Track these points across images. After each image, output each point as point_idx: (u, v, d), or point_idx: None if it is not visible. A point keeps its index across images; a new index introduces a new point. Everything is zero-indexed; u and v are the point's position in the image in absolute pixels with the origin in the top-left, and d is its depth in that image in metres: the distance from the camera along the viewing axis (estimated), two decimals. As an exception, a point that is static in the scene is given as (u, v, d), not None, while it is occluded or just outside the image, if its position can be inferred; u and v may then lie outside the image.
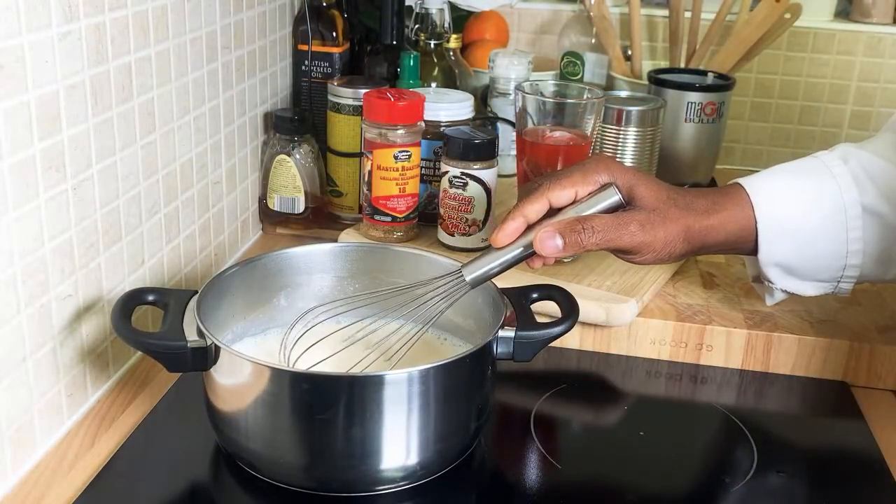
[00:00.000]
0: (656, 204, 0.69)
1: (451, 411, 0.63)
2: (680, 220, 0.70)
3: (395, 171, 0.89)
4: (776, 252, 0.72)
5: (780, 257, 0.73)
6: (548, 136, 0.87)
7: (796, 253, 0.73)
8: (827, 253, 0.72)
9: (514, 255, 0.67)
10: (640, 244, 0.68)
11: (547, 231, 0.67)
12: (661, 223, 0.69)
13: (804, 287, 0.75)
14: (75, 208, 0.66)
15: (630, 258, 0.71)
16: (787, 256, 0.73)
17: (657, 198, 0.69)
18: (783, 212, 0.71)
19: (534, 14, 1.45)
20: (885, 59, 1.38)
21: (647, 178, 0.71)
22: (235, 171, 0.96)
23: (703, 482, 0.67)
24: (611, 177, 0.69)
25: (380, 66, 1.09)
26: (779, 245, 0.72)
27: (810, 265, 0.73)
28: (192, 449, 0.67)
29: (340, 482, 0.62)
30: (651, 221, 0.68)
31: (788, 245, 0.72)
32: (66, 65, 0.63)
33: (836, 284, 0.74)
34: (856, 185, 0.71)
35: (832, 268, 0.73)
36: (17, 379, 0.62)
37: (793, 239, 0.72)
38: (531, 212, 0.68)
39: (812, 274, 0.74)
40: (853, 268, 0.72)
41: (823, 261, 0.73)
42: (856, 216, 0.71)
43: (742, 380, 0.80)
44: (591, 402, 0.78)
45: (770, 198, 0.72)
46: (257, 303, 0.73)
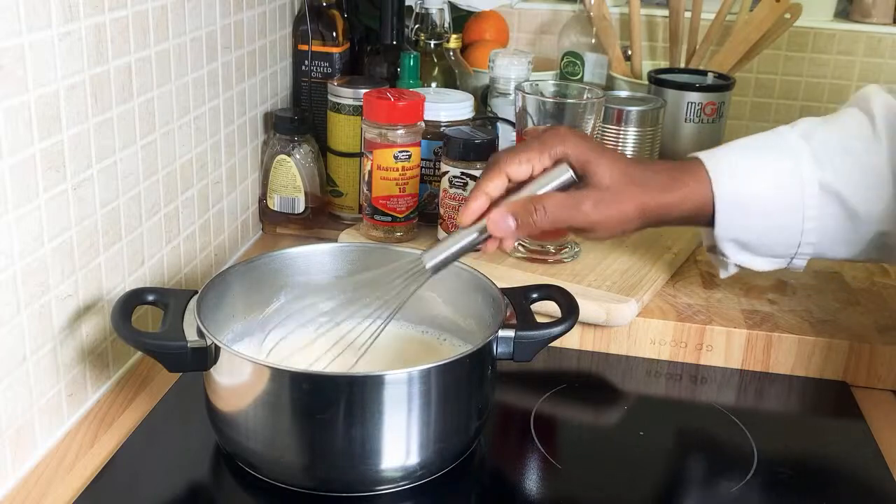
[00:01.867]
0: (611, 182, 0.68)
1: (451, 411, 0.63)
2: (636, 198, 0.69)
3: (395, 171, 0.89)
4: (732, 228, 0.72)
5: (736, 233, 0.72)
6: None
7: (752, 229, 0.72)
8: (783, 229, 0.72)
9: (472, 238, 0.67)
10: (594, 223, 0.68)
11: (499, 212, 0.66)
12: (616, 202, 0.68)
13: (758, 262, 0.75)
14: (75, 208, 0.66)
15: (584, 235, 0.71)
16: (743, 232, 0.72)
17: (612, 175, 0.68)
18: (741, 188, 0.71)
19: (534, 14, 1.45)
20: (885, 59, 1.38)
21: (603, 152, 0.70)
22: (235, 171, 0.96)
23: (703, 482, 0.67)
24: (566, 150, 0.68)
25: (380, 66, 1.09)
26: (735, 221, 0.72)
27: (766, 241, 0.73)
28: (192, 449, 0.67)
29: (340, 482, 0.62)
30: (605, 200, 0.68)
31: (745, 221, 0.72)
32: (66, 65, 0.63)
33: (790, 260, 0.74)
34: (815, 162, 0.71)
35: (787, 244, 0.73)
36: (17, 379, 0.62)
37: (749, 215, 0.71)
38: (491, 188, 0.68)
39: (767, 250, 0.74)
40: (808, 245, 0.72)
41: (779, 237, 0.72)
42: (812, 195, 0.70)
43: (742, 380, 0.80)
44: (591, 402, 0.78)
45: (729, 174, 0.71)
46: (257, 303, 0.73)
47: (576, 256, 0.89)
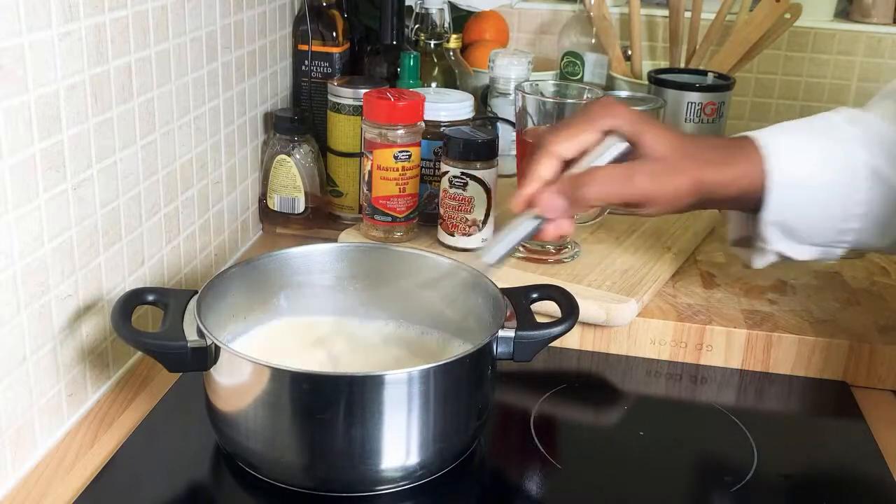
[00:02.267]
0: (666, 152, 0.66)
1: (451, 411, 0.63)
2: (691, 173, 0.66)
3: (395, 171, 0.89)
4: (781, 210, 0.69)
5: (783, 215, 0.70)
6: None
7: (801, 212, 0.70)
8: (830, 215, 0.70)
9: (527, 226, 0.66)
10: (649, 197, 0.65)
11: (549, 193, 0.64)
12: (672, 174, 0.66)
13: (799, 250, 0.72)
14: (75, 208, 0.66)
15: (637, 211, 0.68)
16: (791, 215, 0.70)
17: (667, 146, 0.66)
18: (793, 170, 0.68)
19: (534, 14, 1.45)
20: (885, 59, 1.38)
21: (655, 123, 0.68)
22: (235, 171, 0.96)
23: (703, 482, 0.67)
24: (615, 122, 0.66)
25: (380, 66, 1.09)
26: (785, 203, 0.69)
27: (810, 225, 0.71)
28: (192, 449, 0.67)
29: (340, 482, 0.62)
30: (661, 172, 0.65)
31: (794, 203, 0.69)
32: (66, 65, 0.63)
33: (829, 249, 0.72)
34: (864, 146, 0.69)
35: (832, 230, 0.71)
36: (17, 379, 0.62)
37: (799, 197, 0.69)
38: (543, 171, 0.66)
39: (810, 236, 0.71)
40: (852, 232, 0.70)
41: (826, 222, 0.70)
42: (865, 177, 0.68)
43: (742, 380, 0.80)
44: (591, 402, 0.78)
45: (781, 154, 0.68)
46: (257, 303, 0.73)
47: (575, 256, 0.89)
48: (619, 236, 0.97)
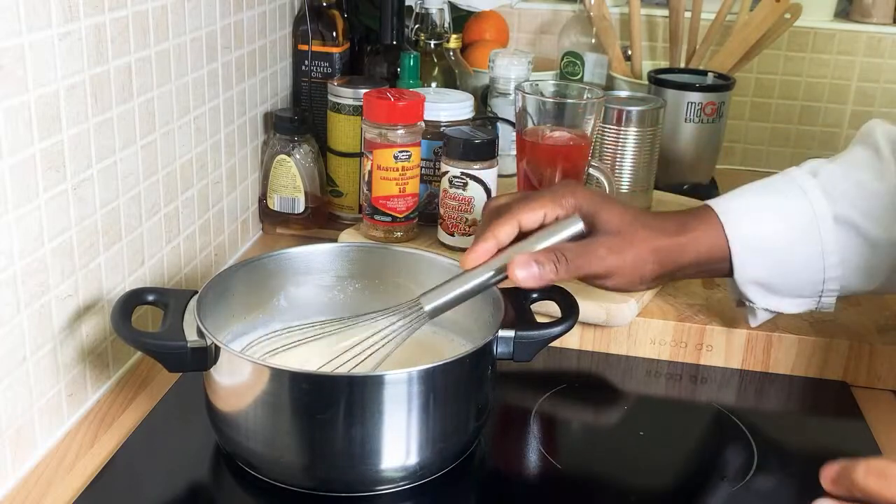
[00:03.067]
0: (621, 227, 0.69)
1: (451, 411, 0.63)
2: (648, 241, 0.70)
3: (395, 171, 0.89)
4: (751, 271, 0.72)
5: (755, 275, 0.72)
6: (548, 136, 0.87)
7: (772, 269, 0.72)
8: (804, 268, 0.71)
9: (477, 282, 0.66)
10: (610, 268, 0.68)
11: (523, 258, 0.65)
12: (629, 245, 0.69)
13: (785, 304, 0.74)
14: (75, 208, 0.66)
15: (602, 283, 0.70)
16: (763, 273, 0.72)
17: (622, 221, 0.69)
18: (753, 229, 0.71)
19: (534, 14, 1.45)
20: (885, 59, 1.38)
21: (612, 201, 0.71)
22: (235, 171, 0.96)
23: (703, 482, 0.67)
24: (577, 201, 0.69)
25: (380, 66, 1.09)
26: (753, 263, 0.71)
27: (789, 281, 0.73)
28: (192, 449, 0.67)
29: (340, 482, 0.62)
30: (618, 245, 0.69)
31: (763, 262, 0.71)
32: (66, 65, 0.63)
33: (819, 300, 0.73)
34: (825, 197, 0.71)
35: (812, 282, 0.72)
36: (17, 379, 0.62)
37: (766, 256, 0.71)
38: (502, 234, 0.68)
39: (792, 290, 0.73)
40: (833, 280, 0.72)
41: (802, 275, 0.72)
42: (828, 229, 0.70)
43: (742, 380, 0.80)
44: (591, 402, 0.78)
45: (739, 216, 0.71)
46: (257, 303, 0.73)
47: None
48: (619, 236, 0.97)
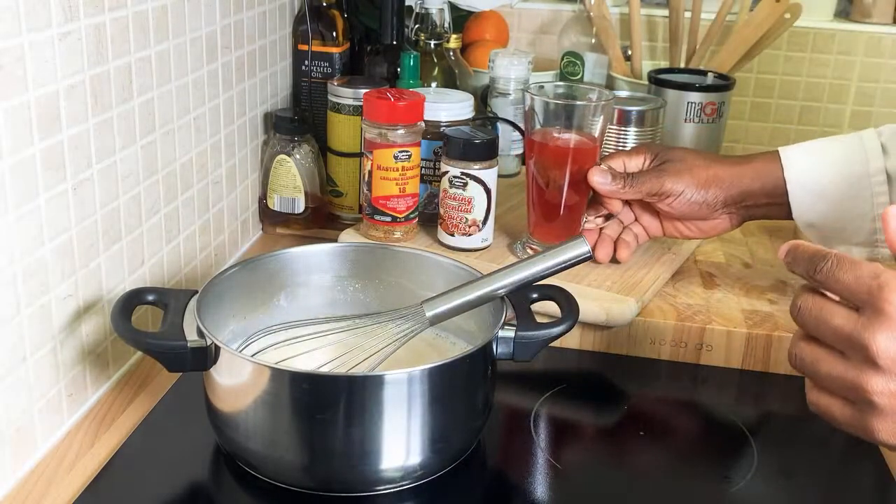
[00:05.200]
0: (685, 156, 0.82)
1: (451, 411, 0.63)
2: (707, 168, 0.81)
3: (395, 171, 0.89)
4: (806, 213, 0.78)
5: (810, 218, 0.78)
6: (556, 137, 0.86)
7: (825, 214, 0.77)
8: (854, 216, 0.77)
9: (480, 293, 0.66)
10: (671, 189, 0.81)
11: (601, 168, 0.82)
12: (688, 171, 0.81)
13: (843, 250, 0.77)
14: (75, 208, 0.66)
15: (668, 204, 0.82)
16: (817, 217, 0.78)
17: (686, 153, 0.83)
18: (810, 173, 0.78)
19: (534, 14, 1.45)
20: (885, 59, 1.38)
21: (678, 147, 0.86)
22: (235, 171, 0.96)
23: (703, 482, 0.67)
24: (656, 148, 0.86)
25: (380, 66, 1.09)
26: (808, 205, 0.78)
27: (843, 227, 0.78)
28: (192, 449, 0.67)
29: (340, 482, 0.62)
30: (679, 169, 0.81)
31: (816, 205, 0.78)
32: (66, 65, 0.63)
33: (874, 249, 0.78)
34: (882, 152, 0.76)
35: (863, 230, 0.77)
36: (18, 379, 0.62)
37: (820, 200, 0.77)
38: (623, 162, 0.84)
39: (847, 236, 0.78)
40: None
41: (852, 224, 0.77)
42: (880, 182, 0.75)
43: (742, 380, 0.80)
44: (591, 402, 0.78)
45: (798, 158, 0.78)
46: (257, 303, 0.73)
47: None
48: (619, 236, 0.97)
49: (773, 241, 1.02)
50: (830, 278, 0.51)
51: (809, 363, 0.54)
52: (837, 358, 0.52)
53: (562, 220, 0.88)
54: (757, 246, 1.01)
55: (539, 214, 0.89)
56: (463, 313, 0.67)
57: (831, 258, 0.51)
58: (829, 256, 0.52)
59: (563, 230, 0.87)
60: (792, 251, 0.55)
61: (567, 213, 0.87)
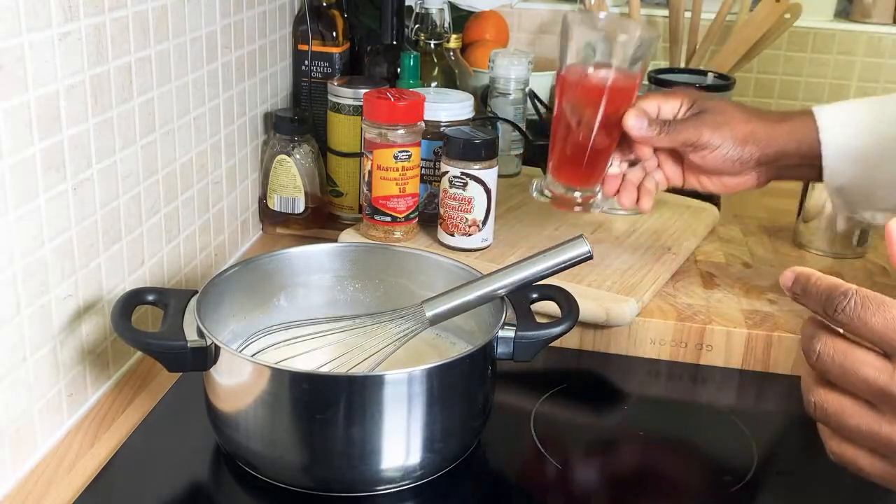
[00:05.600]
0: (725, 108, 0.78)
1: (451, 411, 0.63)
2: (746, 123, 0.78)
3: (395, 171, 0.89)
4: (838, 175, 0.77)
5: (840, 181, 0.77)
6: (592, 74, 0.79)
7: (856, 178, 0.76)
8: (886, 181, 0.75)
9: (481, 293, 0.66)
10: (708, 141, 0.77)
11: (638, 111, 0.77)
12: (727, 124, 0.77)
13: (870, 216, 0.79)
14: (75, 208, 0.66)
15: (703, 156, 0.78)
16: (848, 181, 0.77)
17: (726, 105, 0.79)
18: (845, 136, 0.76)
19: (534, 14, 1.45)
20: (885, 59, 1.38)
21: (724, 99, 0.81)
22: (235, 171, 0.96)
23: (703, 482, 0.67)
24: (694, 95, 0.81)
25: (380, 66, 1.09)
26: (840, 168, 0.76)
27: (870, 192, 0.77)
28: (192, 449, 0.67)
29: (340, 482, 0.62)
30: (718, 122, 0.77)
31: (848, 169, 0.76)
32: (66, 65, 0.63)
33: None
34: None
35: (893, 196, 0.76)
36: (18, 379, 0.62)
37: (853, 163, 0.76)
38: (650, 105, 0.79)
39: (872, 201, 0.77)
40: None
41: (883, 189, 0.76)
42: None
43: (742, 380, 0.80)
44: (591, 402, 0.78)
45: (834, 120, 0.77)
46: (257, 303, 0.73)
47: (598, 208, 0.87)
48: (619, 236, 0.97)
49: (773, 241, 1.02)
50: (856, 321, 0.46)
51: (834, 414, 0.47)
52: (867, 410, 0.46)
53: (588, 163, 0.82)
54: (757, 246, 1.01)
55: (563, 156, 0.83)
56: (463, 313, 0.67)
57: (853, 296, 0.46)
58: (850, 294, 0.46)
59: (589, 174, 0.83)
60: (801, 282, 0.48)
61: (594, 156, 0.82)
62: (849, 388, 0.46)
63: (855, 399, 0.46)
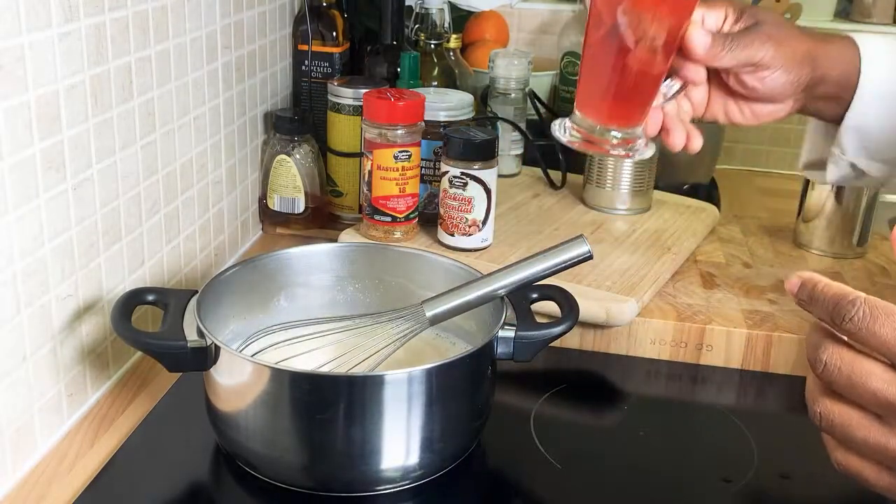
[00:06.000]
0: (782, 22, 0.70)
1: (451, 411, 0.63)
2: (804, 40, 0.70)
3: (395, 171, 0.89)
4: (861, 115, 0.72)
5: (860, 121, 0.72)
6: None
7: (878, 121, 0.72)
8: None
9: (481, 293, 0.66)
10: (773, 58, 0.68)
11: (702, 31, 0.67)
12: (788, 39, 0.69)
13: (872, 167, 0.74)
14: (75, 208, 0.66)
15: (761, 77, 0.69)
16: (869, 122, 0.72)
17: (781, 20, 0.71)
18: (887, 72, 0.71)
19: (534, 14, 1.45)
20: (885, 59, 1.38)
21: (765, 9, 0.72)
22: (235, 171, 0.96)
23: (704, 482, 0.67)
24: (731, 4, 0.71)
25: (380, 66, 1.09)
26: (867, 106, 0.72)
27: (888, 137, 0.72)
28: (192, 449, 0.67)
29: (340, 482, 0.62)
30: (780, 36, 0.69)
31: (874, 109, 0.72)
32: (66, 65, 0.63)
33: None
34: None
35: None
36: (18, 379, 0.62)
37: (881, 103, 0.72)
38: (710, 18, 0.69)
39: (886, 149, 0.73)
40: None
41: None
42: None
43: (742, 380, 0.80)
44: (591, 402, 0.78)
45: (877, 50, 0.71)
46: (257, 303, 0.73)
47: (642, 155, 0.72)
48: (619, 236, 0.97)
49: (773, 241, 1.02)
50: (864, 331, 0.44)
51: (840, 426, 0.46)
52: (874, 422, 0.45)
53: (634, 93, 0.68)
54: (757, 246, 1.01)
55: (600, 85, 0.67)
56: (463, 313, 0.67)
57: (861, 305, 0.44)
58: (859, 303, 0.44)
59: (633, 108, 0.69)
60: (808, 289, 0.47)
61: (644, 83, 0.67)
62: (856, 399, 0.45)
63: (862, 411, 0.45)
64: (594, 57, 0.67)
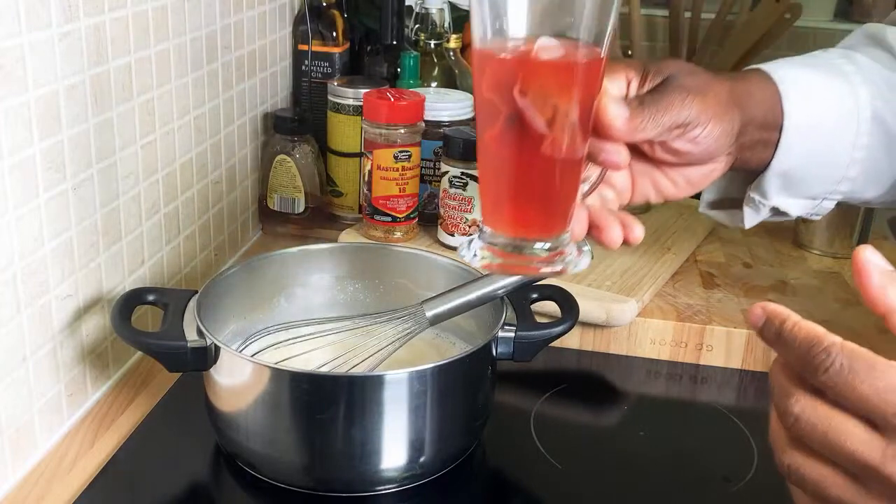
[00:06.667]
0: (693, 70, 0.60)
1: (451, 411, 0.63)
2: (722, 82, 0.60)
3: (395, 171, 0.89)
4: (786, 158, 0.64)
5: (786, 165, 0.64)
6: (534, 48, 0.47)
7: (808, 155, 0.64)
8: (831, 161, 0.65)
9: (480, 293, 0.66)
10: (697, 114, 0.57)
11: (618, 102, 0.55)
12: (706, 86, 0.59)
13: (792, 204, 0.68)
14: (75, 208, 0.66)
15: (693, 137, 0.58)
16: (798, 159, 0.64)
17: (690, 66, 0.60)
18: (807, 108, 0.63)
19: (534, 14, 1.44)
20: (885, 59, 1.38)
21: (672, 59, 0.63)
22: (235, 171, 0.96)
23: (704, 482, 0.67)
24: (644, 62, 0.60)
25: (380, 66, 1.09)
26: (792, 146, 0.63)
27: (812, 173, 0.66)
28: (192, 449, 0.67)
29: (340, 482, 0.62)
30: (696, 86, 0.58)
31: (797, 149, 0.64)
32: (66, 65, 0.63)
33: (821, 202, 0.68)
34: (866, 85, 0.64)
35: (830, 178, 0.66)
36: (18, 379, 0.62)
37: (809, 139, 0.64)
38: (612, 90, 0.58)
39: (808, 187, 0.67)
40: (847, 181, 0.66)
41: (825, 169, 0.65)
42: (867, 119, 0.64)
43: (742, 380, 0.80)
44: (591, 402, 0.78)
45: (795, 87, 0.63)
46: (257, 303, 0.73)
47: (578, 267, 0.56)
48: (619, 236, 0.97)
49: (773, 241, 1.02)
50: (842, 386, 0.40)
51: (812, 483, 0.42)
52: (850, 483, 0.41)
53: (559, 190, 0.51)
54: (757, 246, 1.01)
55: (511, 189, 0.51)
56: (463, 313, 0.67)
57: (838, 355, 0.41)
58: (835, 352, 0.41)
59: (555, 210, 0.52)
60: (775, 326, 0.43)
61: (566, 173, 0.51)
62: (830, 457, 0.41)
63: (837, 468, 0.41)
64: (495, 157, 0.51)
